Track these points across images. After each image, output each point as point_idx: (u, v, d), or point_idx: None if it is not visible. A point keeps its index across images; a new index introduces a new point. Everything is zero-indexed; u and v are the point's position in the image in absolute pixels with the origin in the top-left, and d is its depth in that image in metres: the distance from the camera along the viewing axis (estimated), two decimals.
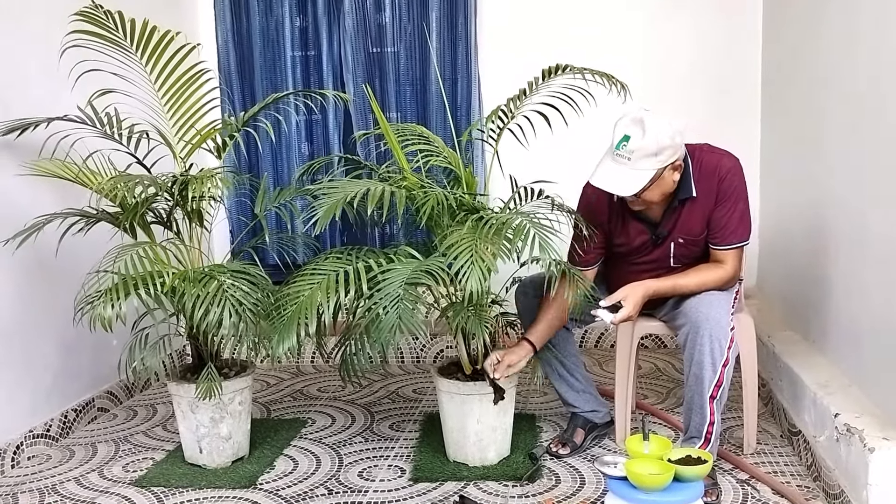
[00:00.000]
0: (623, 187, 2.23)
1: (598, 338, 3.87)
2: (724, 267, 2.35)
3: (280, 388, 3.49)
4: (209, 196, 2.53)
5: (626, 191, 2.23)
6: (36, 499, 2.43)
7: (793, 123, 3.11)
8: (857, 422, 2.07)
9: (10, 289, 2.68)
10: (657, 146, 2.18)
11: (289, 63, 3.76)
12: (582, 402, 2.65)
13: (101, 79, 2.57)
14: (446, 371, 2.57)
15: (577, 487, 2.36)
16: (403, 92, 3.73)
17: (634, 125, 2.20)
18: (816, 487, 2.27)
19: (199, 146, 2.67)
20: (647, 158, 2.19)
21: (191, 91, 2.63)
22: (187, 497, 2.41)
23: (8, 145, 2.61)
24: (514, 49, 3.66)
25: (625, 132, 2.21)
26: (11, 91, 2.69)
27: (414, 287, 2.18)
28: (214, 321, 2.28)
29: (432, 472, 2.49)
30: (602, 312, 2.29)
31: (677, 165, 2.26)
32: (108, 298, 2.24)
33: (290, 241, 3.11)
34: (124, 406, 3.28)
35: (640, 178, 2.21)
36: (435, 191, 2.29)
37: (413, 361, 3.80)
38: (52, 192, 2.74)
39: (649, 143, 2.17)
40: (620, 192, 2.25)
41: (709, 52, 3.63)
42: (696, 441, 2.26)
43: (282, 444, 2.78)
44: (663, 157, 2.20)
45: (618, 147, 2.22)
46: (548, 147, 2.88)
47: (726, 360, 2.21)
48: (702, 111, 3.54)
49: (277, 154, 3.84)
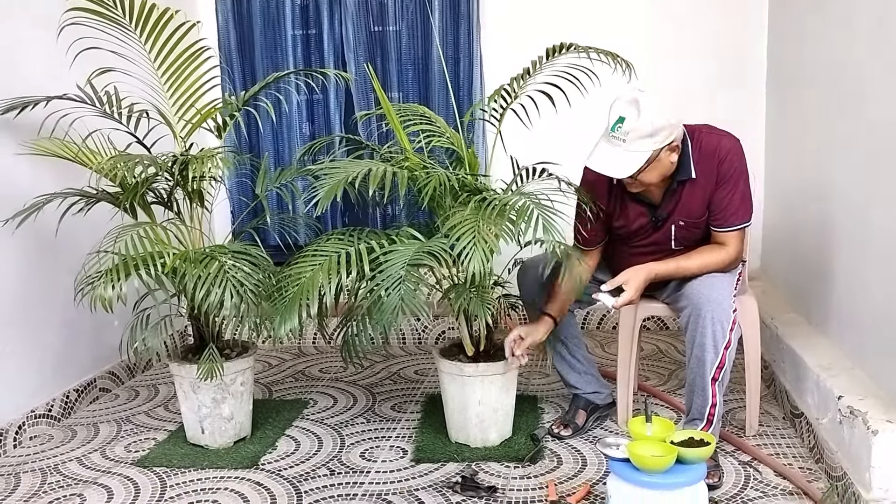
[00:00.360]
0: (618, 169, 2.21)
1: (600, 320, 3.87)
2: (726, 249, 2.33)
3: (282, 368, 3.49)
4: (210, 176, 2.51)
5: (622, 173, 2.21)
6: (38, 478, 2.44)
7: (798, 109, 3.08)
8: (861, 404, 2.06)
9: (10, 269, 2.67)
10: (652, 127, 2.16)
11: (289, 42, 3.72)
12: (584, 383, 2.65)
13: (101, 57, 2.54)
14: (448, 352, 2.57)
15: (579, 469, 2.36)
16: (405, 71, 3.69)
17: (629, 106, 2.17)
18: (818, 469, 2.27)
19: (200, 126, 2.65)
20: (643, 140, 2.17)
21: (191, 70, 2.61)
22: (189, 477, 2.42)
23: (7, 124, 2.59)
24: (516, 28, 3.62)
25: (619, 114, 2.18)
26: (11, 69, 2.66)
27: (416, 268, 2.17)
28: (216, 302, 2.28)
29: (434, 452, 2.50)
30: (603, 296, 2.28)
31: (674, 146, 2.23)
32: (108, 279, 2.23)
33: (291, 222, 3.09)
34: (126, 386, 3.29)
35: (636, 160, 2.19)
36: (437, 171, 2.28)
37: (415, 343, 3.80)
38: (52, 172, 2.72)
39: (644, 125, 2.15)
40: (615, 175, 2.23)
41: (714, 38, 3.59)
42: (697, 423, 2.26)
43: (283, 425, 2.78)
44: (659, 139, 2.18)
45: (613, 129, 2.19)
46: (550, 128, 2.86)
47: (728, 342, 2.20)
48: (706, 97, 3.51)
49: (278, 134, 3.81)
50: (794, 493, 2.16)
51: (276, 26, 3.72)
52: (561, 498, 2.16)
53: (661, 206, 2.38)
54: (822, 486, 2.17)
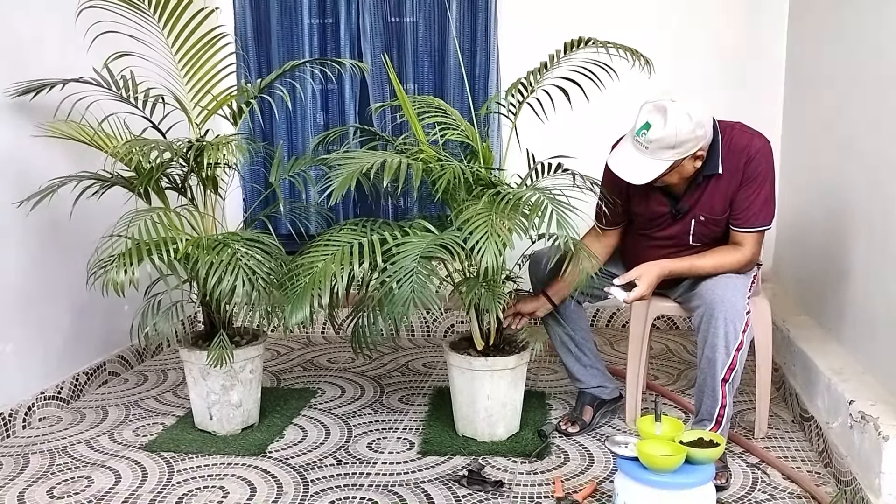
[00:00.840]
0: (637, 175, 2.23)
1: (610, 317, 3.86)
2: (743, 250, 2.32)
3: (290, 357, 3.50)
4: (224, 163, 2.51)
5: (640, 179, 2.23)
6: (46, 460, 2.45)
7: (816, 108, 3.06)
8: (872, 409, 2.05)
9: (23, 251, 2.68)
10: (676, 139, 2.16)
11: (306, 30, 3.71)
12: (589, 377, 2.64)
13: (118, 41, 2.54)
14: (458, 346, 2.56)
15: (586, 466, 2.36)
16: (421, 63, 3.68)
17: (657, 113, 2.17)
18: (827, 473, 2.26)
19: (216, 112, 2.65)
20: (665, 150, 2.18)
21: (208, 56, 2.61)
22: (197, 463, 2.42)
23: (23, 107, 2.59)
24: (534, 21, 3.60)
25: (647, 119, 2.19)
26: (28, 52, 2.67)
27: (429, 261, 2.16)
28: (227, 289, 2.28)
29: (441, 445, 2.49)
30: (616, 290, 2.27)
31: (699, 155, 2.23)
32: (121, 263, 2.24)
33: (303, 211, 3.09)
34: (135, 371, 3.30)
35: (655, 168, 2.21)
36: (452, 164, 2.27)
37: (423, 335, 3.79)
38: (67, 156, 2.72)
39: (668, 136, 2.16)
40: (633, 181, 2.24)
41: (732, 36, 3.56)
42: (706, 423, 2.25)
43: (291, 414, 2.79)
44: (682, 150, 2.19)
45: (638, 133, 2.20)
46: (566, 123, 2.84)
47: (740, 344, 2.19)
48: (723, 94, 3.49)
49: (292, 123, 3.81)
50: (802, 496, 2.15)
51: (293, 14, 3.72)
52: (567, 494, 2.16)
53: (683, 198, 2.36)
54: (831, 491, 2.16)
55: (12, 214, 2.57)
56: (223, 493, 2.22)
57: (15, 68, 2.59)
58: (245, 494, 2.22)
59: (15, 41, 2.62)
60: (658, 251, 2.38)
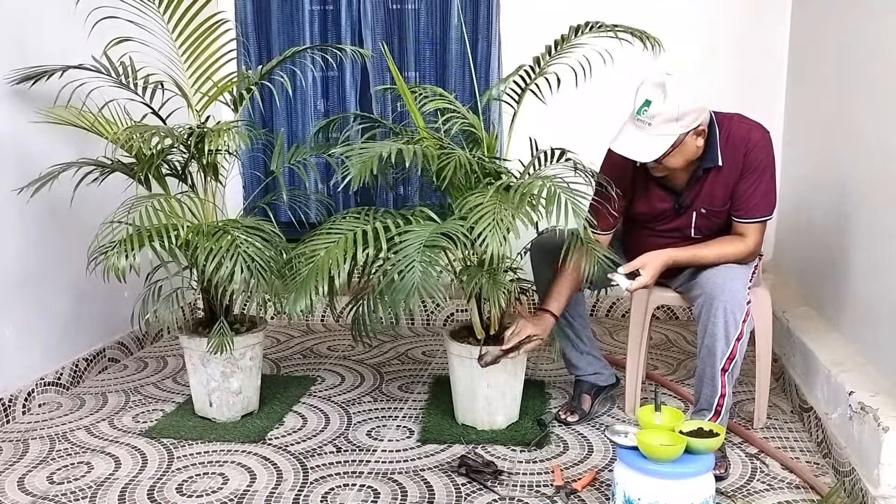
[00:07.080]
0: (644, 153, 2.20)
1: (610, 307, 3.86)
2: (745, 241, 2.32)
3: (290, 345, 3.50)
4: (225, 150, 2.50)
5: (647, 156, 2.19)
6: (46, 445, 2.45)
7: (818, 99, 3.05)
8: (872, 400, 2.05)
9: (23, 237, 2.68)
10: (679, 111, 2.14)
11: (307, 17, 3.69)
12: (585, 363, 2.64)
13: (118, 27, 2.52)
14: (458, 335, 2.56)
15: (585, 455, 2.37)
16: (423, 51, 3.66)
17: (656, 89, 2.15)
18: (826, 464, 2.27)
19: (216, 98, 2.64)
20: (669, 123, 2.15)
21: (208, 42, 2.60)
22: (196, 449, 2.43)
23: (23, 94, 2.58)
24: (536, 10, 3.58)
25: (646, 97, 2.17)
26: (28, 37, 2.65)
27: (432, 250, 2.16)
28: (226, 276, 2.27)
29: (440, 433, 2.50)
30: (619, 278, 2.27)
31: (700, 130, 2.21)
32: (121, 249, 2.23)
33: (303, 199, 3.08)
34: (135, 357, 3.30)
35: (661, 144, 2.17)
36: (456, 153, 2.26)
37: (423, 324, 3.80)
38: (67, 142, 2.71)
39: (671, 108, 2.13)
40: (641, 158, 2.21)
41: (735, 25, 3.54)
42: (706, 413, 2.25)
43: (291, 401, 2.79)
44: (685, 122, 2.16)
45: (639, 112, 2.18)
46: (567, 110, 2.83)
47: (740, 334, 2.19)
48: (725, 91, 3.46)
49: (292, 110, 3.79)
50: (800, 486, 2.16)
51: (294, 1, 3.69)
52: (566, 483, 2.16)
53: (684, 192, 2.36)
54: (829, 481, 2.16)
55: (12, 201, 2.56)
56: (223, 480, 2.23)
57: (15, 55, 2.57)
58: (245, 481, 2.22)
59: (15, 27, 2.60)
60: (661, 243, 2.37)
